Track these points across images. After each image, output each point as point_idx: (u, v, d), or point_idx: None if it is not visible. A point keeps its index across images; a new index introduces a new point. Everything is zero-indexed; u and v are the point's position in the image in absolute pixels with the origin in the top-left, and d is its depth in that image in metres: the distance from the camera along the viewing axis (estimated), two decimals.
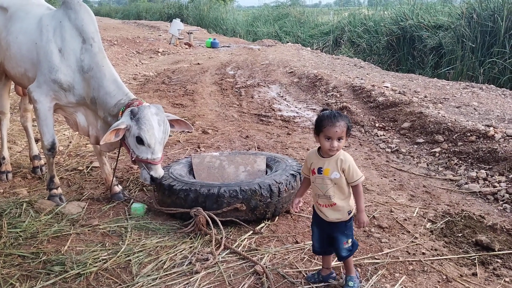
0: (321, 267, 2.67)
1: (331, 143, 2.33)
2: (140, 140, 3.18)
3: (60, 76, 3.41)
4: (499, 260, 2.89)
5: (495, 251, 2.97)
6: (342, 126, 2.31)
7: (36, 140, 4.57)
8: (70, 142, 5.29)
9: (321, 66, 10.95)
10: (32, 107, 4.42)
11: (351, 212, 2.44)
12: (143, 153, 3.22)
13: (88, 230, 3.23)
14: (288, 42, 18.64)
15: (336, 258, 2.67)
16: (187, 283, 2.60)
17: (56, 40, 3.44)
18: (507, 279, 2.69)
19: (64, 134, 5.56)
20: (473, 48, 10.26)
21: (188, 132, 5.10)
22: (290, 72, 10.28)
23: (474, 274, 2.74)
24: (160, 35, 19.49)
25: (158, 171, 3.27)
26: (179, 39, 17.16)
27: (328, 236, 2.49)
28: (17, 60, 3.62)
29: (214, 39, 18.15)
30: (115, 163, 3.77)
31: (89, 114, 3.64)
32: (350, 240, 2.47)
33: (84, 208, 3.57)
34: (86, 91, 3.48)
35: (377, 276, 2.67)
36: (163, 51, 15.07)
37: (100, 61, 3.45)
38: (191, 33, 18.54)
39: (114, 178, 3.78)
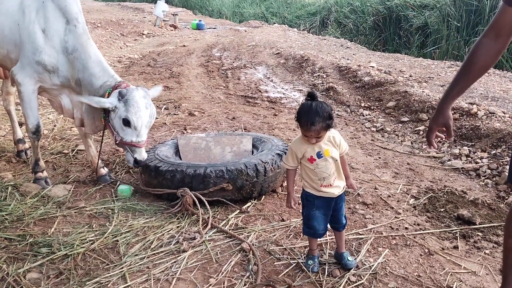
0: (304, 246, 2.71)
1: (309, 139, 2.33)
2: (127, 122, 3.17)
3: (44, 57, 3.35)
4: (479, 233, 2.97)
5: (476, 225, 3.04)
6: (317, 129, 2.25)
7: (20, 124, 4.51)
8: (55, 126, 5.24)
9: (307, 47, 10.92)
10: (14, 90, 4.37)
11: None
12: (128, 136, 3.22)
13: (75, 212, 3.23)
14: (274, 23, 18.50)
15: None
16: (175, 262, 2.63)
17: (39, 21, 3.38)
18: (487, 251, 2.77)
19: (48, 118, 5.50)
20: (458, 27, 10.30)
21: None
22: (276, 53, 10.24)
23: (456, 247, 2.82)
24: (144, 17, 19.17)
25: (142, 154, 3.27)
26: (164, 21, 16.91)
27: (332, 212, 2.49)
28: None
29: (199, 20, 17.91)
30: (100, 146, 3.75)
31: (74, 96, 3.60)
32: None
33: (70, 190, 3.56)
34: (70, 73, 3.44)
35: (361, 250, 2.73)
36: (148, 33, 14.86)
37: (85, 42, 3.41)
38: (176, 14, 18.26)
39: (100, 161, 3.77)
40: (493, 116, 4.67)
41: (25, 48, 3.38)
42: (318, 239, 2.65)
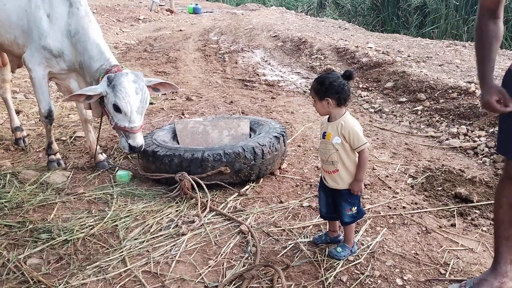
0: (316, 228, 2.72)
1: None
2: (117, 108, 3.16)
3: (50, 41, 3.37)
4: (477, 211, 2.98)
5: (474, 203, 3.06)
6: (311, 89, 2.37)
7: (17, 112, 4.50)
8: None
9: (305, 29, 10.84)
10: (10, 78, 4.36)
11: None
12: (121, 121, 3.20)
13: (74, 198, 3.25)
14: (272, 6, 18.34)
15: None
16: (174, 245, 2.65)
17: (44, 5, 3.39)
18: (484, 229, 2.79)
19: None
20: (457, 6, 10.21)
21: (175, 91, 5.03)
22: (274, 36, 10.17)
23: (453, 225, 2.83)
24: (140, 2, 18.98)
25: (136, 140, 3.23)
26: (160, 5, 16.76)
27: (334, 201, 2.45)
28: (6, 27, 3.55)
29: (196, 4, 17.76)
30: (98, 132, 3.75)
31: (81, 80, 3.62)
32: (354, 208, 2.39)
33: (69, 177, 3.58)
34: (74, 56, 3.46)
35: (359, 230, 2.74)
36: (144, 18, 14.73)
37: (86, 24, 3.40)
38: None
39: (98, 147, 3.77)
40: None
41: (32, 33, 3.41)
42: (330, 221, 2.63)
